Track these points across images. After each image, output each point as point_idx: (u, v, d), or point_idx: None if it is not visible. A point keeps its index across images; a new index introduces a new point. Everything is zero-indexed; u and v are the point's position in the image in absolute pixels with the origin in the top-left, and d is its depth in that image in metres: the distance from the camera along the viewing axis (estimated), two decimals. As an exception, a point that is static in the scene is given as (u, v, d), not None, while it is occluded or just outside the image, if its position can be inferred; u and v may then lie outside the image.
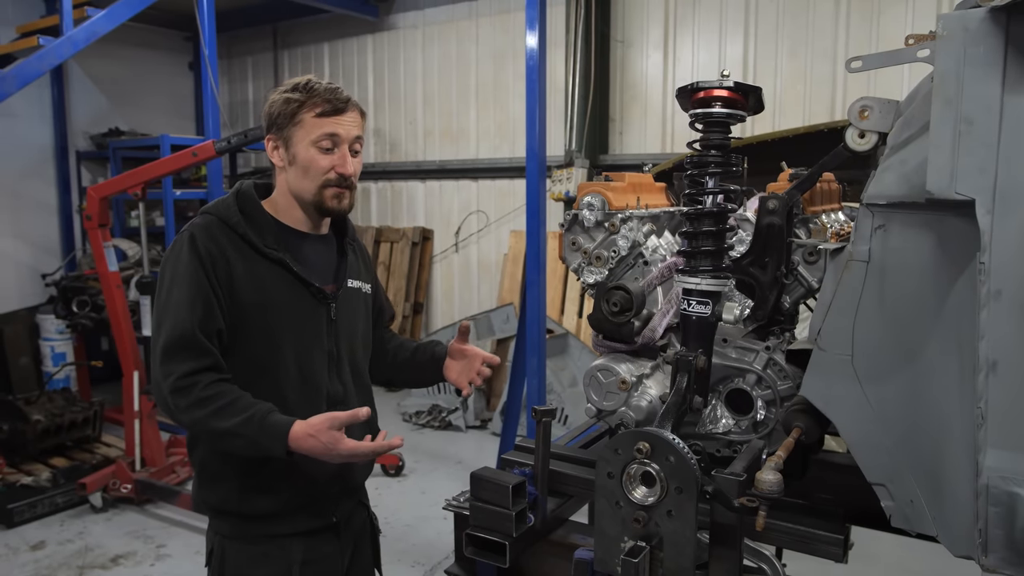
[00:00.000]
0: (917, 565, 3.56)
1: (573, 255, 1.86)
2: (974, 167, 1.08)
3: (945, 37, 1.09)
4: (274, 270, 1.71)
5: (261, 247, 1.70)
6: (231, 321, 1.67)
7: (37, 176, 7.28)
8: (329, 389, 1.78)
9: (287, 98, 1.71)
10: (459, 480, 4.80)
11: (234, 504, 1.72)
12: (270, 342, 1.70)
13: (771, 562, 1.42)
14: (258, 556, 1.74)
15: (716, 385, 1.64)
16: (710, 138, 1.49)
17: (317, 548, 1.80)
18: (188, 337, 1.60)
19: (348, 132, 1.72)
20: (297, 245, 1.77)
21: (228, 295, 1.66)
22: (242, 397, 1.60)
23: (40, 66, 4.84)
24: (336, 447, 1.54)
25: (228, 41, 8.51)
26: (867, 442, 1.30)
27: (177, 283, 1.65)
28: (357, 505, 1.93)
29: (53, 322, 6.21)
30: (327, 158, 1.71)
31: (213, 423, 1.57)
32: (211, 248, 1.66)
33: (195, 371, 1.59)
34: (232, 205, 1.73)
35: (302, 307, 1.74)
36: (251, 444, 1.57)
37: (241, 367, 1.68)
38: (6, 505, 4.28)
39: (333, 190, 1.73)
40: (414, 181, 7.69)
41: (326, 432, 1.53)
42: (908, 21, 5.17)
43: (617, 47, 6.39)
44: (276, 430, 1.55)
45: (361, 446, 1.57)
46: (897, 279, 1.24)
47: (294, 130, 1.71)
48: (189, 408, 1.58)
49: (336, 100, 1.70)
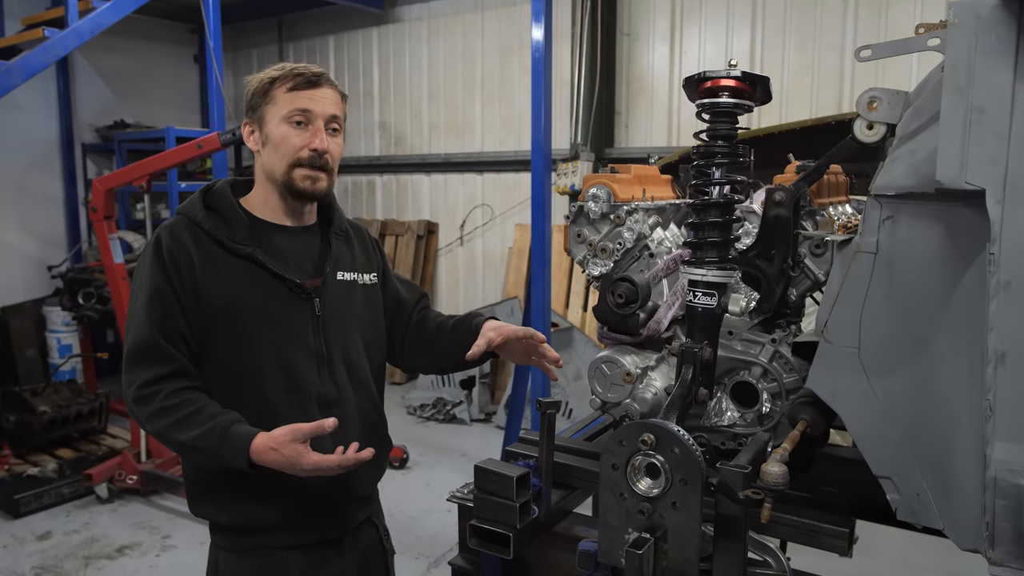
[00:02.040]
0: (921, 560, 3.55)
1: (578, 247, 1.85)
2: (984, 157, 1.07)
3: (956, 25, 1.08)
4: (244, 267, 1.61)
5: (229, 244, 1.60)
6: (202, 323, 1.58)
7: (43, 169, 7.29)
8: (320, 391, 1.66)
9: (263, 77, 1.64)
10: (463, 473, 4.80)
11: (226, 516, 1.64)
12: (246, 343, 1.60)
13: (775, 555, 1.42)
14: (254, 570, 1.65)
15: (721, 378, 1.63)
16: (717, 128, 1.48)
17: (318, 565, 1.69)
18: (148, 343, 1.53)
19: (323, 108, 1.62)
20: (273, 239, 1.67)
21: (194, 296, 1.57)
22: (205, 407, 1.51)
23: (45, 58, 4.84)
24: (299, 461, 1.44)
25: (233, 34, 8.51)
26: (873, 435, 1.29)
27: (141, 288, 1.59)
28: (366, 522, 1.81)
29: (59, 314, 6.23)
30: (299, 134, 1.61)
31: (174, 435, 1.50)
32: (173, 248, 1.58)
33: (157, 379, 1.52)
34: (198, 202, 1.65)
35: (278, 304, 1.63)
36: (213, 456, 1.49)
37: (220, 371, 1.60)
38: (13, 496, 4.31)
39: (304, 171, 1.62)
40: (419, 174, 7.68)
41: (288, 445, 1.43)
42: (917, 14, 5.13)
43: (623, 40, 6.36)
44: (237, 443, 1.46)
45: (326, 460, 1.45)
46: (905, 270, 1.23)
47: (267, 108, 1.63)
48: (151, 418, 1.51)
49: (306, 75, 1.62)
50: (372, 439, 1.71)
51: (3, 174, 6.92)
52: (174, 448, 1.58)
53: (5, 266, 6.95)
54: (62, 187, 7.44)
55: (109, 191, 4.53)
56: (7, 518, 4.29)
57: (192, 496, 1.69)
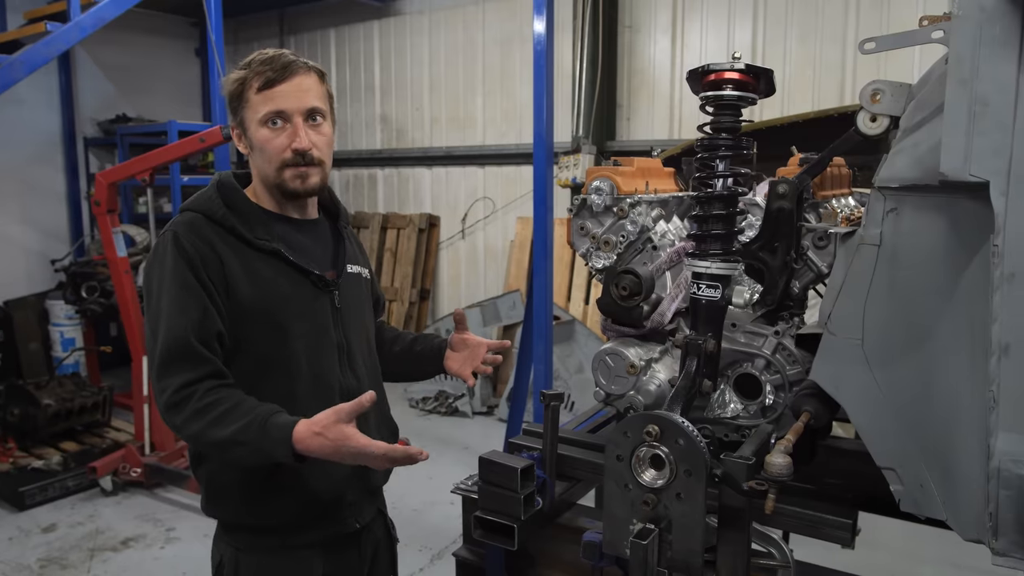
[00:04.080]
0: (923, 551, 3.57)
1: (581, 240, 1.85)
2: (989, 149, 1.07)
3: (961, 17, 1.07)
4: (270, 262, 1.59)
5: (252, 239, 1.57)
6: (234, 319, 1.54)
7: (45, 162, 7.30)
8: (342, 383, 1.67)
9: (234, 78, 1.57)
10: (466, 465, 4.82)
11: (246, 516, 1.61)
12: (277, 338, 1.58)
13: (779, 545, 1.42)
14: (275, 569, 1.63)
15: (724, 370, 1.63)
16: (721, 121, 1.48)
17: (338, 560, 1.70)
18: (183, 346, 1.46)
19: (298, 103, 1.55)
20: (289, 233, 1.65)
21: (225, 294, 1.53)
22: (243, 402, 1.45)
23: (48, 52, 4.83)
24: (347, 443, 1.36)
25: (235, 27, 8.49)
26: (877, 426, 1.29)
27: (166, 288, 1.51)
28: (377, 513, 1.82)
29: (62, 307, 6.25)
30: (280, 137, 1.55)
31: (212, 433, 1.43)
32: (199, 246, 1.52)
33: (191, 382, 1.45)
34: (215, 198, 1.60)
35: (305, 298, 1.62)
36: (255, 451, 1.42)
37: (248, 365, 1.57)
38: (18, 488, 4.33)
39: (292, 171, 1.57)
40: (421, 168, 7.67)
41: (333, 427, 1.37)
42: (919, 5, 5.12)
43: (625, 32, 6.35)
44: (279, 433, 1.39)
45: (373, 444, 1.37)
46: (909, 262, 1.24)
47: (245, 112, 1.58)
48: (186, 422, 1.45)
49: (272, 68, 1.53)
50: (386, 429, 1.80)
51: (5, 168, 6.92)
52: (213, 449, 1.52)
53: (8, 260, 6.96)
54: (64, 181, 7.45)
55: (112, 185, 4.54)
56: (12, 510, 4.31)
57: (209, 498, 1.65)
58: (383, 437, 1.54)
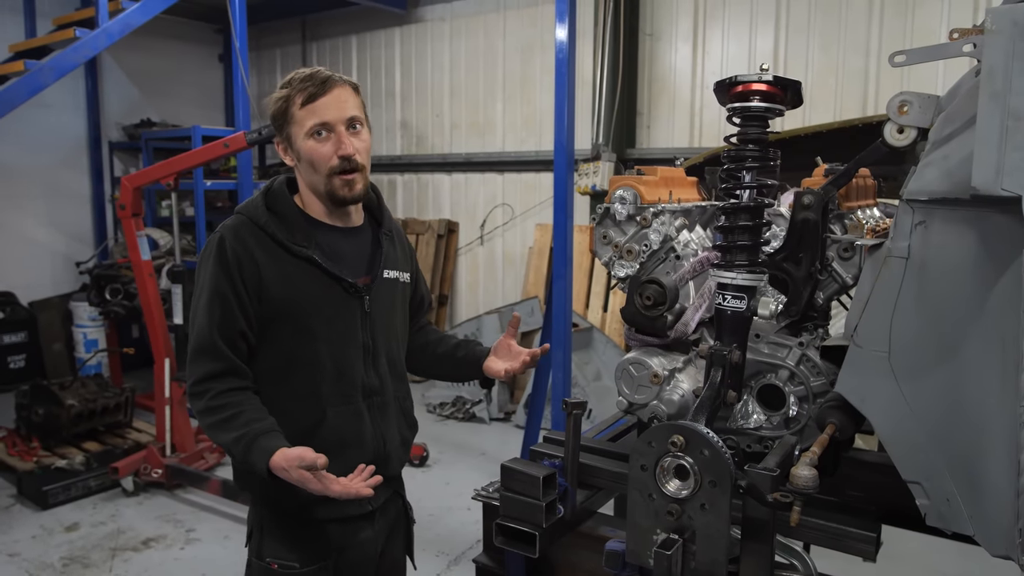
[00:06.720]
0: (945, 567, 3.52)
1: (604, 248, 1.86)
2: (1021, 163, 1.06)
3: (994, 31, 1.07)
4: (303, 267, 1.72)
5: (290, 245, 1.71)
6: (263, 319, 1.70)
7: (71, 166, 7.42)
8: (365, 381, 1.80)
9: (277, 97, 1.72)
10: (482, 471, 4.83)
11: (272, 491, 1.72)
12: (303, 338, 1.72)
13: (802, 558, 1.42)
14: (295, 540, 1.78)
15: (748, 380, 1.63)
16: (748, 132, 1.48)
17: (353, 534, 1.84)
18: (207, 342, 1.66)
19: (339, 113, 1.69)
20: (328, 239, 1.78)
21: (257, 297, 1.68)
22: (242, 413, 1.63)
23: (76, 58, 4.92)
24: (306, 485, 1.55)
25: (257, 33, 8.59)
26: (903, 439, 1.29)
27: (204, 287, 1.70)
28: (393, 495, 1.95)
29: (86, 309, 6.33)
30: (325, 146, 1.69)
31: (214, 435, 1.66)
32: (238, 250, 1.68)
33: (209, 376, 1.65)
34: (260, 205, 1.75)
35: (334, 302, 1.75)
36: (241, 462, 1.62)
37: (274, 361, 1.73)
38: (41, 487, 4.38)
39: (340, 178, 1.71)
40: (440, 174, 7.71)
41: (295, 471, 1.53)
42: (944, 14, 5.07)
43: (646, 40, 6.35)
44: (259, 457, 1.58)
45: (328, 489, 1.54)
46: (937, 275, 1.23)
47: (291, 128, 1.72)
48: (200, 415, 1.67)
49: (312, 84, 1.67)
50: (405, 424, 1.93)
51: (33, 171, 7.05)
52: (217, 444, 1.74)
53: (34, 261, 7.08)
54: (89, 184, 7.56)
55: (137, 189, 4.60)
56: (36, 509, 4.37)
57: (238, 472, 1.83)
58: (401, 433, 1.88)
